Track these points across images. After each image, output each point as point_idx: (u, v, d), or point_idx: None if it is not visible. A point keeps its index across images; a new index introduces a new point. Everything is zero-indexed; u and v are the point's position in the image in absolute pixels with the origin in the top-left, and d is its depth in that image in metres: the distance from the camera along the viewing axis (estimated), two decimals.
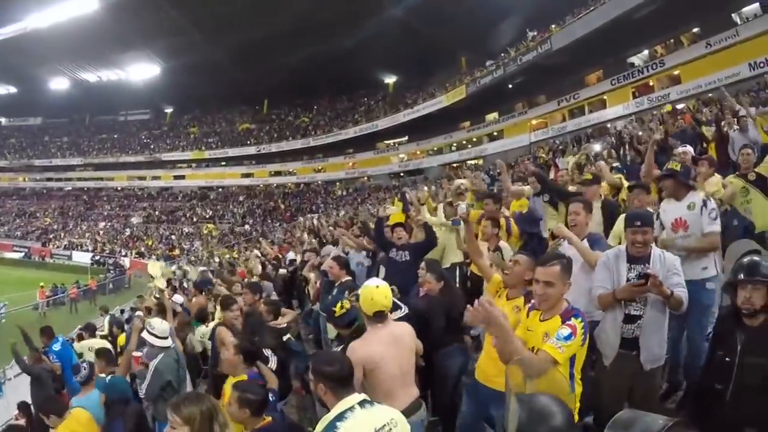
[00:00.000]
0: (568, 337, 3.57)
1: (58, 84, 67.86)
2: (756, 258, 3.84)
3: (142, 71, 62.52)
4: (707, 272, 5.26)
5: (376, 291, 4.45)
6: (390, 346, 4.35)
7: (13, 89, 69.87)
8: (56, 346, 10.09)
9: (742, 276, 3.70)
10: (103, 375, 7.11)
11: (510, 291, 4.81)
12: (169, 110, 72.45)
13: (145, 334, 6.95)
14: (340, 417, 3.16)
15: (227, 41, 51.60)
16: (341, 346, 4.86)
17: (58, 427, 5.75)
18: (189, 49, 53.43)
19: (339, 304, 5.43)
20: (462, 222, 5.99)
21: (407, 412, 4.09)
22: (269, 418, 4.48)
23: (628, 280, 4.33)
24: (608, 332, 4.43)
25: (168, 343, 6.94)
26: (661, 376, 4.71)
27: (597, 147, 22.49)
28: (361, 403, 3.25)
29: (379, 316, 4.43)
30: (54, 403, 6.13)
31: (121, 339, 10.87)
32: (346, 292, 6.50)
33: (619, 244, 5.28)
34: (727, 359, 3.67)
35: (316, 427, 3.29)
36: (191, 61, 55.06)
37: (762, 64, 26.29)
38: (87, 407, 6.30)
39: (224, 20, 48.99)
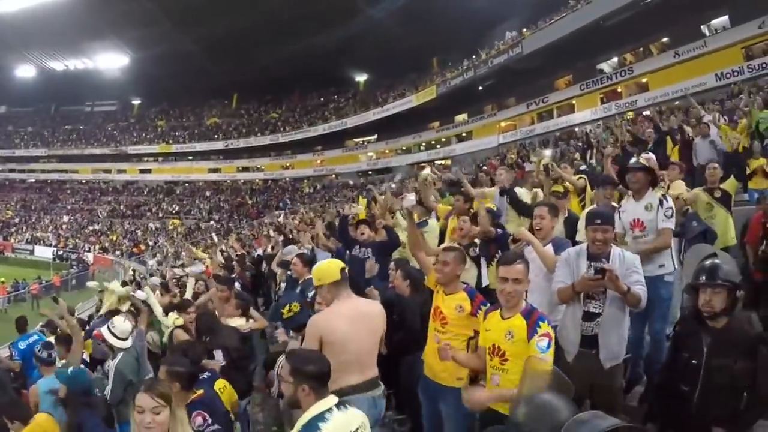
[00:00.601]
0: (548, 347, 3.78)
1: (24, 72, 66.43)
2: (717, 261, 3.93)
3: (110, 61, 61.59)
4: (664, 269, 5.45)
5: (329, 262, 4.57)
6: (355, 323, 4.31)
7: None
8: (21, 344, 9.70)
9: (703, 279, 3.79)
10: (64, 360, 6.98)
11: (446, 288, 4.77)
12: (136, 102, 71.53)
13: (104, 332, 6.79)
14: (321, 418, 3.15)
15: (198, 33, 51.16)
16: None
17: None
18: (159, 40, 52.72)
19: (287, 307, 5.43)
20: (407, 213, 5.99)
21: (362, 389, 4.24)
22: (201, 391, 4.49)
23: None
24: (569, 329, 4.51)
25: (127, 344, 6.77)
26: (623, 375, 4.73)
27: (547, 153, 22.88)
28: (338, 405, 3.25)
29: (338, 285, 4.37)
30: (19, 407, 5.90)
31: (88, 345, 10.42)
32: (310, 289, 6.48)
33: None
34: (693, 361, 3.76)
35: (286, 428, 3.31)
36: (161, 52, 54.38)
37: (728, 75, 26.83)
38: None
39: (196, 12, 48.50)
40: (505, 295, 4.01)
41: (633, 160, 6.52)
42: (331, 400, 3.27)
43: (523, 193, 8.59)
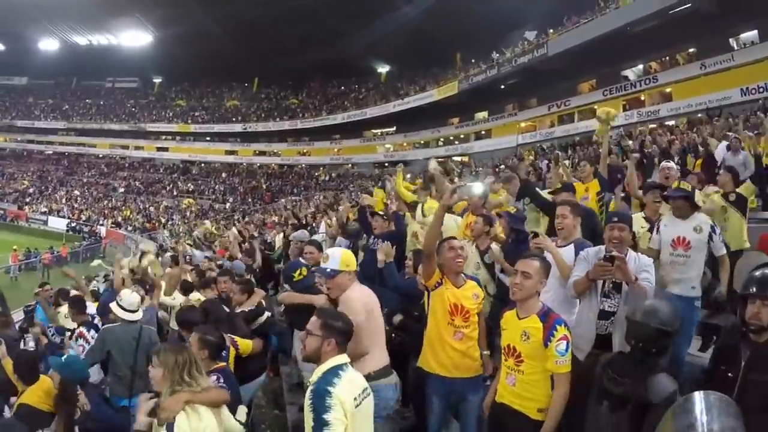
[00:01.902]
0: (566, 349, 3.89)
1: (48, 45, 66.61)
2: None
3: (133, 38, 61.70)
4: (695, 291, 5.55)
5: (349, 252, 4.80)
6: (375, 309, 4.51)
7: (0, 46, 68.16)
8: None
9: (753, 290, 3.50)
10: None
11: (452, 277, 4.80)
12: (157, 80, 71.54)
13: (113, 305, 6.81)
14: (341, 367, 3.38)
15: (223, 15, 51.28)
16: None
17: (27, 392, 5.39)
18: (184, 19, 52.60)
19: (297, 271, 5.76)
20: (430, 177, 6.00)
21: (385, 373, 4.43)
22: (223, 363, 4.89)
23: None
24: (584, 327, 4.57)
25: (133, 317, 6.75)
26: None
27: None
28: (346, 365, 3.46)
29: (354, 274, 4.55)
30: (30, 366, 5.66)
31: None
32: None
33: None
34: (729, 374, 3.53)
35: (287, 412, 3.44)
36: (185, 32, 54.20)
37: (753, 91, 26.50)
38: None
39: None
40: (513, 286, 4.12)
41: (675, 185, 6.52)
42: (345, 357, 3.47)
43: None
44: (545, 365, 3.91)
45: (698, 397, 2.70)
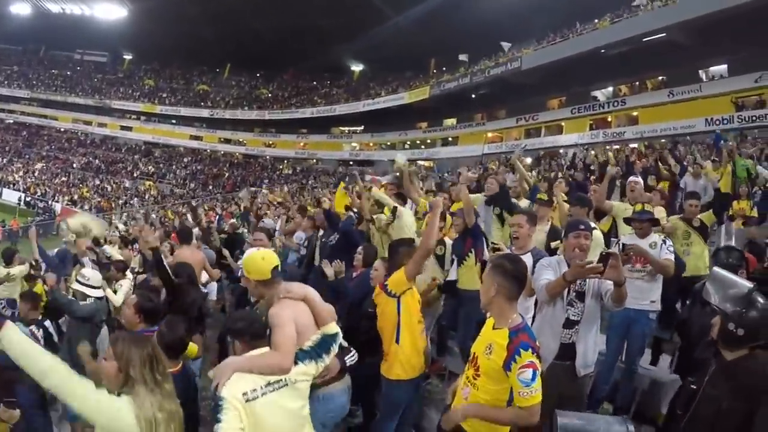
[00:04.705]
0: (533, 378, 3.34)
1: (19, 9, 65.16)
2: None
3: (108, 11, 60.70)
4: (654, 305, 5.90)
5: (259, 253, 4.03)
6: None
7: None
8: None
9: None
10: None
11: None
12: (128, 57, 70.72)
13: (77, 286, 6.73)
14: None
15: None
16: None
17: None
18: None
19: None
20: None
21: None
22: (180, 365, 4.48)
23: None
24: (547, 336, 4.39)
25: (100, 293, 6.80)
26: (589, 386, 4.75)
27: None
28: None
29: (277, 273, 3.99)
30: None
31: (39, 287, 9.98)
32: None
33: None
34: (692, 387, 3.55)
35: None
36: (161, 9, 54.01)
37: (717, 122, 27.14)
38: None
39: None
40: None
41: (639, 208, 6.72)
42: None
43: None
44: (500, 389, 3.50)
45: None
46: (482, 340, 3.68)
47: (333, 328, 3.69)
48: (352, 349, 4.50)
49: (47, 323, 6.94)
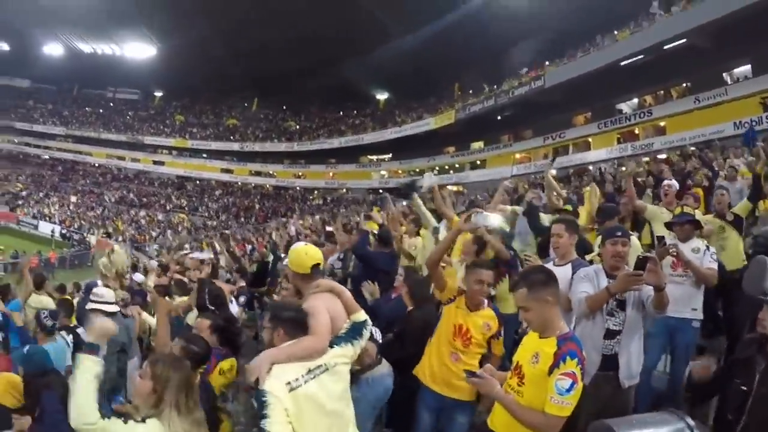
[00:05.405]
0: (570, 389, 3.23)
1: (52, 49, 67.07)
2: None
3: (137, 50, 62.23)
4: (696, 314, 5.62)
5: (305, 248, 4.37)
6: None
7: (5, 46, 68.42)
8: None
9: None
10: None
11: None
12: (158, 94, 72.29)
13: (92, 306, 6.67)
14: None
15: (229, 34, 51.59)
16: None
17: None
18: (189, 35, 52.90)
19: None
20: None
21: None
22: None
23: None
24: (588, 349, 3.96)
25: (116, 308, 6.83)
26: (633, 398, 4.49)
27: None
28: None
29: (317, 271, 4.28)
30: None
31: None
32: None
33: None
34: (743, 388, 3.36)
35: None
36: (189, 47, 54.68)
37: (746, 124, 26.55)
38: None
39: (230, 15, 49.10)
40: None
41: (678, 211, 6.39)
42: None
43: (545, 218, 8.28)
44: (544, 399, 3.34)
45: None
46: (527, 349, 3.60)
47: (362, 315, 3.78)
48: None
49: (80, 330, 7.05)
